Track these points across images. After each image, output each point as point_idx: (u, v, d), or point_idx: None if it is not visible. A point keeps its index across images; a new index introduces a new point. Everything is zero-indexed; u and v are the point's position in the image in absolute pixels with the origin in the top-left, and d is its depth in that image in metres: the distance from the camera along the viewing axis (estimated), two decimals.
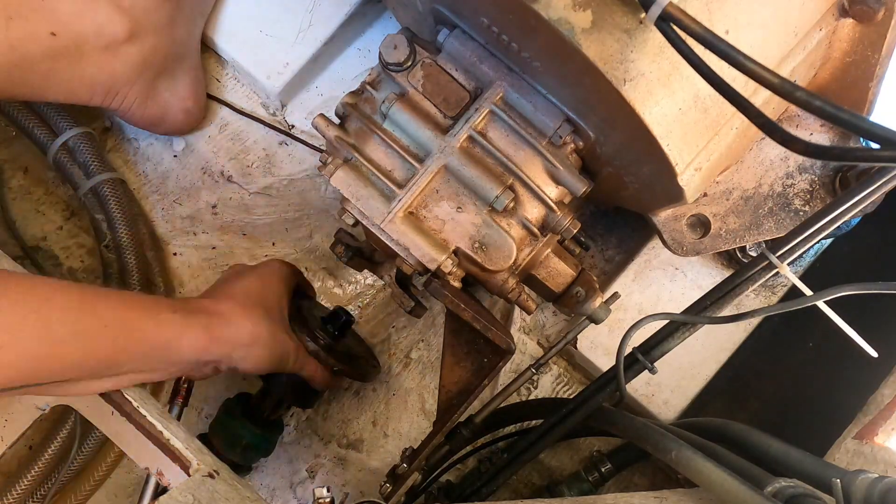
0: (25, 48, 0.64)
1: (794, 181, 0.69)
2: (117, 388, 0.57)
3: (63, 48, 0.66)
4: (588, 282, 0.67)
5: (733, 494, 0.50)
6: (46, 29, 0.64)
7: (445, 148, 0.61)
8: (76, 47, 0.67)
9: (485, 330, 0.61)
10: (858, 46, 0.58)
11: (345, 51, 0.88)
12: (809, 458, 0.57)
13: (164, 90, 0.80)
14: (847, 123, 0.37)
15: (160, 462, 0.58)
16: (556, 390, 0.89)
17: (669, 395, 0.83)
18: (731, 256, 0.79)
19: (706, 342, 0.82)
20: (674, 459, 0.57)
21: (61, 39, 0.65)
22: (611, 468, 0.82)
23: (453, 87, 0.62)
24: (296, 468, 0.91)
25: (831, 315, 0.57)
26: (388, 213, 0.61)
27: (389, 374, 0.92)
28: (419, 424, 0.92)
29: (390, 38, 0.62)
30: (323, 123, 0.64)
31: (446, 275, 0.62)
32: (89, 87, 0.72)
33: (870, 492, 0.47)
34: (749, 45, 0.51)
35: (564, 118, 0.60)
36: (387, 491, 0.68)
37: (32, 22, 0.64)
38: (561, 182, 0.63)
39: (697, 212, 0.69)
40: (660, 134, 0.52)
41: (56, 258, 0.89)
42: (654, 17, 0.41)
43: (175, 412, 0.66)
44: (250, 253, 0.90)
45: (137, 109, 0.79)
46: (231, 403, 0.77)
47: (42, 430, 0.79)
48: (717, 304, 0.61)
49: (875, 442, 0.71)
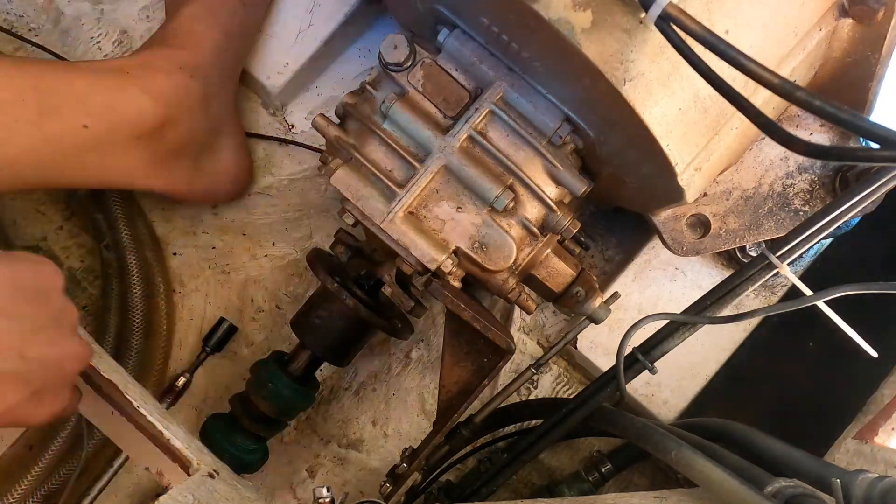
0: (59, 142, 0.63)
1: (794, 181, 0.69)
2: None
3: (96, 140, 0.65)
4: (588, 282, 0.67)
5: (733, 494, 0.50)
6: (79, 122, 0.64)
7: (445, 148, 0.61)
8: (109, 138, 0.66)
9: (485, 330, 0.61)
10: (858, 46, 0.58)
11: (345, 51, 0.88)
12: (809, 458, 0.57)
13: (209, 166, 0.79)
14: (847, 123, 0.37)
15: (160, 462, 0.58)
16: (556, 390, 0.89)
17: (669, 395, 0.83)
18: (731, 256, 0.79)
19: (706, 342, 0.82)
20: (674, 459, 0.57)
21: (94, 131, 0.65)
22: (611, 468, 0.82)
23: (453, 87, 0.62)
24: (296, 468, 0.91)
25: (831, 315, 0.57)
26: (388, 213, 0.61)
27: (389, 374, 0.92)
28: (419, 424, 0.92)
29: (390, 38, 0.62)
30: (323, 123, 0.64)
31: (446, 275, 0.62)
32: (127, 175, 0.71)
33: (870, 492, 0.47)
34: (749, 45, 0.51)
35: (564, 118, 0.60)
36: (387, 491, 0.68)
37: (65, 116, 0.63)
38: (561, 182, 0.63)
39: (697, 212, 0.69)
40: (660, 134, 0.52)
41: (56, 258, 0.88)
42: (654, 17, 0.41)
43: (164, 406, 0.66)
44: (250, 253, 0.90)
45: (184, 188, 0.78)
46: (265, 362, 0.76)
47: (42, 430, 0.79)
48: (717, 304, 0.61)
49: (875, 442, 0.71)
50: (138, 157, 0.70)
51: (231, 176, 0.83)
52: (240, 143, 0.83)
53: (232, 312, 0.90)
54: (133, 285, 0.82)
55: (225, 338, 0.88)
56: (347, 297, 0.69)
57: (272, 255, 0.90)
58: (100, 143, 0.66)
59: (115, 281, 0.84)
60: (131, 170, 0.71)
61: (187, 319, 0.90)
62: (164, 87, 0.70)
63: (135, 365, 0.84)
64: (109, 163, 0.68)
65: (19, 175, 0.63)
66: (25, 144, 0.61)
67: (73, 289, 0.88)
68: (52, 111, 0.62)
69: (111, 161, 0.68)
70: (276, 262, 0.90)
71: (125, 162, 0.69)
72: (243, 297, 0.90)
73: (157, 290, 0.86)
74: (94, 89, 0.66)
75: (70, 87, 0.64)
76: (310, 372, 0.76)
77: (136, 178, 0.72)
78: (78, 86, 0.65)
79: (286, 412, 0.76)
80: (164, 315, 0.86)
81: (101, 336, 0.82)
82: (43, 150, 0.62)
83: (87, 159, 0.66)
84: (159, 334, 0.86)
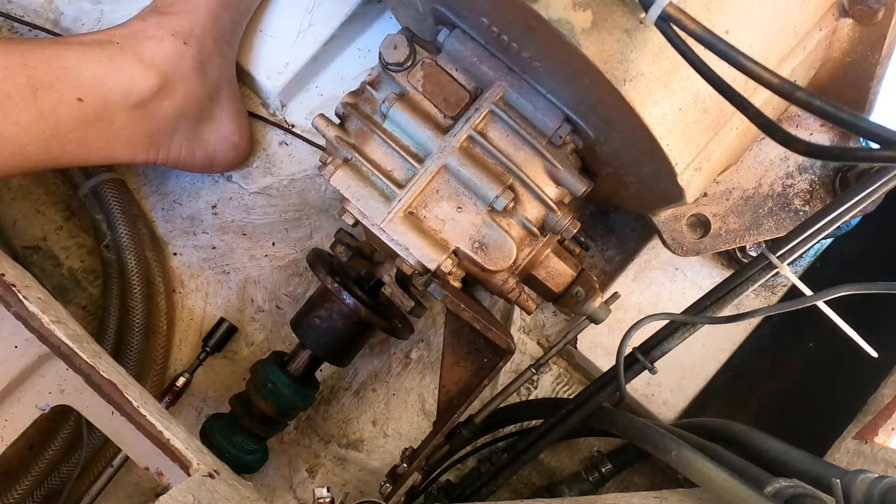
0: (56, 117, 0.63)
1: (794, 181, 0.69)
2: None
3: (92, 113, 0.66)
4: (588, 282, 0.67)
5: (733, 494, 0.50)
6: (73, 95, 0.64)
7: (445, 148, 0.61)
8: (105, 110, 0.67)
9: (485, 330, 0.61)
10: (858, 46, 0.58)
11: (345, 51, 0.88)
12: (809, 458, 0.57)
13: (208, 133, 0.79)
14: (847, 123, 0.37)
15: (160, 462, 0.58)
16: (556, 390, 0.89)
17: (669, 395, 0.83)
18: (731, 256, 0.79)
19: (706, 342, 0.82)
20: (674, 459, 0.57)
21: (89, 104, 0.65)
22: (611, 468, 0.82)
23: (453, 87, 0.62)
24: (296, 468, 0.91)
25: (831, 315, 0.57)
26: (388, 213, 0.61)
27: (389, 374, 0.92)
28: (419, 424, 0.92)
29: (390, 38, 0.62)
30: (323, 123, 0.64)
31: (446, 275, 0.62)
32: (128, 147, 0.71)
33: (870, 492, 0.47)
34: (749, 45, 0.51)
35: (564, 118, 0.60)
36: (387, 491, 0.68)
37: (58, 90, 0.63)
38: (561, 182, 0.63)
39: (697, 212, 0.69)
40: (660, 134, 0.52)
41: (56, 258, 0.88)
42: (654, 17, 0.41)
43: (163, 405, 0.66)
44: (250, 253, 0.90)
45: (186, 158, 0.78)
46: (265, 362, 0.76)
47: (42, 430, 0.79)
48: (717, 304, 0.61)
49: (875, 442, 0.71)
50: (137, 127, 0.70)
51: (231, 143, 0.82)
52: (238, 110, 0.83)
53: (232, 312, 0.90)
54: (133, 285, 0.82)
55: (225, 338, 0.88)
56: (347, 297, 0.69)
57: (272, 255, 0.90)
58: (97, 116, 0.66)
59: (115, 281, 0.84)
60: (132, 142, 0.71)
61: (187, 319, 0.90)
62: (155, 55, 0.70)
63: (135, 365, 0.84)
64: (109, 135, 0.68)
65: (24, 153, 0.63)
66: (23, 120, 0.61)
67: (73, 289, 0.88)
68: (45, 86, 0.63)
69: (111, 134, 0.68)
70: (276, 262, 0.90)
71: (125, 133, 0.69)
72: (243, 297, 0.90)
73: (157, 290, 0.86)
74: (84, 62, 0.66)
75: (60, 60, 0.64)
76: (310, 372, 0.76)
77: (138, 150, 0.72)
78: (68, 59, 0.65)
79: (286, 412, 0.76)
80: (164, 315, 0.86)
81: (101, 336, 0.83)
82: (41, 125, 0.63)
83: (87, 133, 0.66)
84: (159, 334, 0.86)
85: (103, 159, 0.71)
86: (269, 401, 0.73)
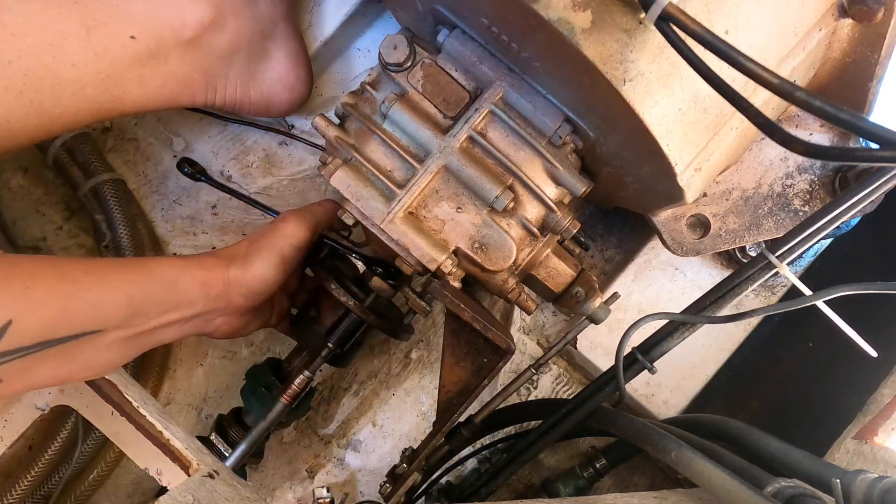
0: (111, 55, 0.63)
1: (793, 181, 0.69)
2: (141, 344, 0.59)
3: (146, 50, 0.65)
4: (588, 282, 0.67)
5: (733, 494, 0.50)
6: (125, 33, 0.64)
7: (445, 148, 0.61)
8: (159, 46, 0.66)
9: (485, 330, 0.61)
10: (858, 46, 0.58)
11: (345, 51, 0.88)
12: (809, 458, 0.57)
13: (263, 72, 0.77)
14: (847, 123, 0.37)
15: (160, 462, 0.58)
16: (556, 390, 0.89)
17: (669, 395, 0.83)
18: (731, 256, 0.79)
19: (706, 342, 0.82)
20: (674, 460, 0.57)
21: (142, 41, 0.65)
22: (605, 463, 0.82)
23: (453, 87, 0.62)
24: (296, 468, 0.91)
25: (831, 315, 0.57)
26: (388, 213, 0.61)
27: (389, 374, 0.92)
28: (419, 424, 0.92)
29: (390, 38, 0.62)
30: (323, 124, 0.64)
31: (446, 275, 0.62)
32: (186, 86, 0.70)
33: (870, 492, 0.47)
34: (749, 45, 0.51)
35: (564, 118, 0.60)
36: (387, 491, 0.68)
37: (111, 28, 0.63)
38: (561, 182, 0.63)
39: (697, 212, 0.69)
40: (659, 134, 0.52)
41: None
42: (653, 17, 0.41)
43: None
44: None
45: (242, 98, 0.77)
46: (259, 368, 0.76)
47: (42, 430, 0.79)
48: (717, 303, 0.61)
49: (875, 442, 0.71)
50: (192, 65, 0.70)
51: (286, 84, 0.80)
52: (294, 49, 0.80)
53: None
54: None
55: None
56: (347, 297, 0.69)
57: None
58: (151, 54, 0.66)
59: None
60: (189, 81, 0.70)
61: None
62: None
63: (135, 365, 0.84)
64: (166, 73, 0.68)
65: (84, 94, 0.63)
66: (79, 60, 0.61)
67: None
68: (98, 25, 0.62)
69: (167, 72, 0.68)
70: None
71: (181, 71, 0.69)
72: None
73: None
74: None
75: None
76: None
77: (197, 90, 0.72)
78: None
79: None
80: None
81: None
82: (97, 64, 0.62)
83: (143, 72, 0.66)
84: None
85: (164, 101, 0.70)
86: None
